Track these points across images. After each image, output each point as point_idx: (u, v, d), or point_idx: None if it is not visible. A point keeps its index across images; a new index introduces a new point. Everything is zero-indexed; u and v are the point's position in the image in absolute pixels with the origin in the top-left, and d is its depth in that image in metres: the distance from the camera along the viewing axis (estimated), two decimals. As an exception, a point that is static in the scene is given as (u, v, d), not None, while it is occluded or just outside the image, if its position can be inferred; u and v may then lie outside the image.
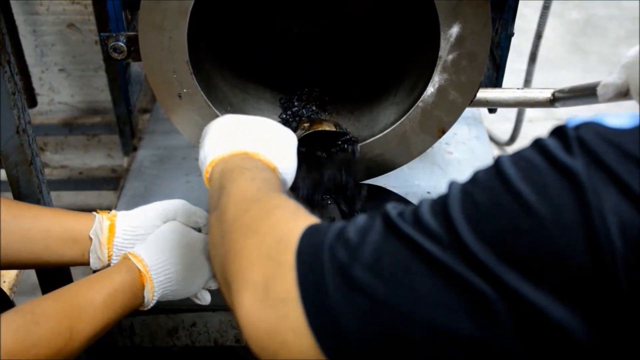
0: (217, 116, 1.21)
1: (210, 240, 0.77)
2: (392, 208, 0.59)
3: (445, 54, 1.13)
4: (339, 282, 0.56)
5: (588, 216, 0.50)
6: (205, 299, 1.12)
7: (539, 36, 2.26)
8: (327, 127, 1.26)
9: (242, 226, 0.69)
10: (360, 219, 0.61)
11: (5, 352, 0.77)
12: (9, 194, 1.35)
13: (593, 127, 0.53)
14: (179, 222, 1.10)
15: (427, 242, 0.54)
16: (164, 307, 1.45)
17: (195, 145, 1.25)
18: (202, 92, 1.18)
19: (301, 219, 0.66)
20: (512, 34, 1.34)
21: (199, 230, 1.12)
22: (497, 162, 0.56)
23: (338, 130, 1.26)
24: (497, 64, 1.40)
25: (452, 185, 0.58)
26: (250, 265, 0.63)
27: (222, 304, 1.45)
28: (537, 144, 0.55)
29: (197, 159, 0.95)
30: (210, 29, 1.34)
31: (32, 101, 2.13)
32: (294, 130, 1.26)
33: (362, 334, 0.56)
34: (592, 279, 0.50)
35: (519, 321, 0.52)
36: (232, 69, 1.41)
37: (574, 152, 0.51)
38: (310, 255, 0.59)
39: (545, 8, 2.17)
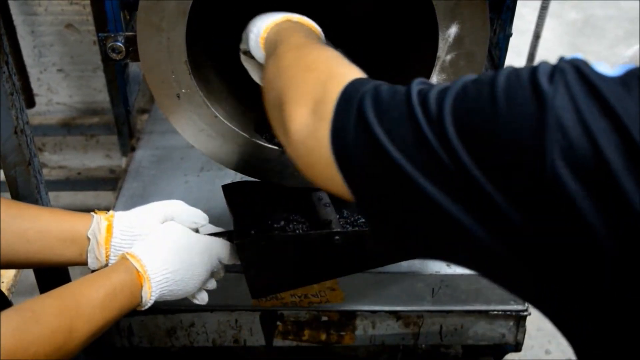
0: (215, 116, 1.21)
1: (266, 78, 0.93)
2: (416, 84, 0.69)
3: (444, 54, 1.14)
4: (358, 127, 0.69)
5: (541, 130, 0.56)
6: (203, 299, 1.12)
7: (537, 36, 2.26)
8: None
9: (302, 64, 0.85)
10: (398, 86, 0.72)
11: (5, 350, 0.77)
12: (8, 195, 1.34)
13: (581, 67, 0.59)
14: (177, 223, 1.10)
15: (422, 116, 0.65)
16: (162, 308, 1.45)
17: (193, 146, 1.26)
18: (200, 93, 1.18)
19: (353, 70, 0.80)
20: (511, 34, 1.34)
21: (197, 230, 1.12)
22: (501, 69, 0.64)
23: None
24: (496, 64, 1.40)
25: (461, 77, 0.67)
26: (308, 91, 0.79)
27: (220, 304, 1.46)
28: (535, 68, 0.61)
29: (195, 160, 0.97)
30: (208, 29, 1.34)
31: (30, 101, 2.13)
32: None
33: (363, 169, 0.69)
34: (533, 182, 0.57)
35: (472, 205, 0.61)
36: (231, 68, 1.41)
37: (555, 80, 0.58)
38: (349, 97, 0.72)
39: (544, 8, 2.17)
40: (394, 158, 0.65)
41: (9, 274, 1.53)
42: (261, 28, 1.03)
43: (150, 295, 1.00)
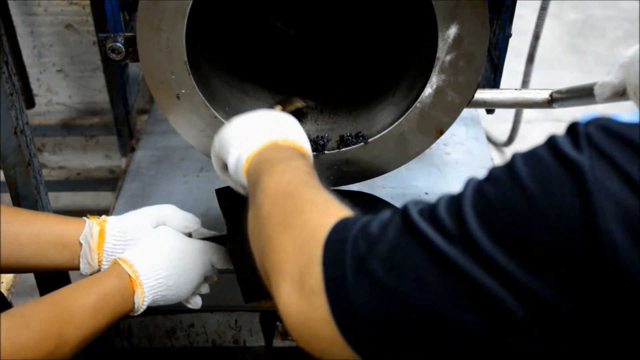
0: (214, 117, 1.21)
1: (249, 234, 0.83)
2: (413, 205, 0.62)
3: (443, 55, 1.14)
4: (357, 273, 0.60)
5: (589, 206, 0.51)
6: (197, 303, 1.11)
7: (536, 37, 2.27)
8: (299, 104, 1.38)
9: (277, 222, 0.74)
10: (385, 214, 0.65)
11: None
12: (7, 195, 1.34)
13: (602, 122, 0.54)
14: (170, 227, 1.09)
15: (439, 237, 0.56)
16: (162, 308, 1.45)
17: (193, 147, 1.26)
18: (200, 93, 1.18)
19: (330, 214, 0.70)
20: (510, 35, 1.34)
21: (190, 235, 1.12)
22: (511, 158, 0.58)
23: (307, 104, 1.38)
24: (495, 64, 1.40)
25: (469, 181, 0.60)
26: (286, 259, 0.69)
27: (219, 305, 1.46)
28: (549, 140, 0.56)
29: (195, 161, 0.96)
30: (207, 29, 1.34)
31: (30, 102, 2.13)
32: None
33: (378, 323, 0.59)
34: (592, 267, 0.51)
35: (527, 313, 0.53)
36: (230, 69, 1.41)
37: (582, 146, 0.53)
38: (335, 249, 0.64)
39: (543, 9, 2.17)
40: (424, 303, 0.56)
41: (8, 276, 1.53)
42: (241, 159, 0.91)
43: (142, 301, 1.00)
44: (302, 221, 0.71)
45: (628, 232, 0.50)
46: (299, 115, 1.37)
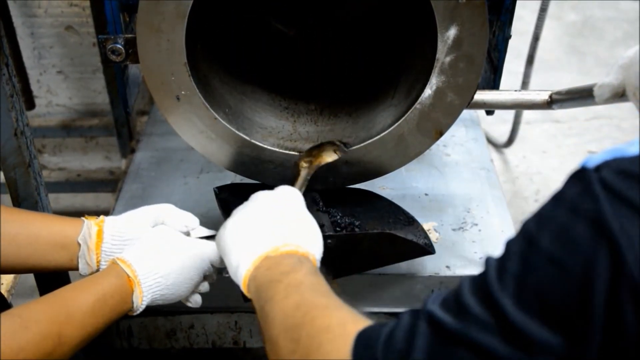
0: (214, 118, 1.21)
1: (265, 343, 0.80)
2: (432, 303, 0.59)
3: (443, 56, 1.14)
4: None
5: (619, 260, 0.49)
6: (197, 301, 1.11)
7: (536, 38, 2.27)
8: (328, 157, 1.25)
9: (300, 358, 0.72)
10: (405, 319, 0.62)
11: None
12: (7, 196, 1.35)
13: (614, 165, 0.52)
14: (168, 227, 1.09)
15: (476, 331, 0.54)
16: (162, 309, 1.45)
17: (192, 148, 1.26)
18: (199, 94, 1.18)
19: (348, 336, 0.67)
20: (510, 36, 1.34)
21: (188, 234, 1.12)
22: (524, 228, 0.56)
23: (339, 155, 1.25)
24: (495, 66, 1.40)
25: (488, 262, 0.58)
26: None
27: (219, 306, 1.46)
28: (559, 198, 0.54)
29: (194, 162, 0.95)
30: (207, 31, 1.34)
31: (30, 103, 2.13)
32: (295, 168, 1.25)
33: None
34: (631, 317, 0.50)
35: None
36: (230, 71, 1.41)
37: (598, 195, 0.51)
38: None
39: (543, 10, 2.17)
40: None
41: (8, 277, 1.53)
42: (240, 275, 0.89)
43: (141, 300, 1.00)
44: (324, 352, 0.69)
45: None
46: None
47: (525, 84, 2.39)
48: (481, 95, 1.32)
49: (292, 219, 0.92)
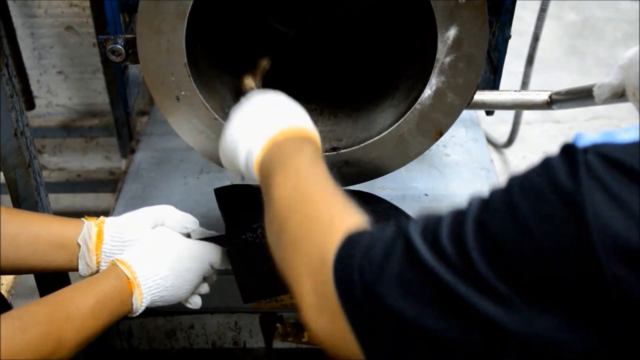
0: (214, 118, 1.21)
1: (269, 238, 0.86)
2: (414, 228, 0.63)
3: (443, 57, 1.14)
4: (368, 298, 0.63)
5: (589, 244, 0.51)
6: (196, 303, 1.11)
7: (536, 38, 2.27)
8: (265, 63, 1.37)
9: (288, 242, 0.77)
10: (388, 234, 0.66)
11: None
12: (7, 197, 1.35)
13: (602, 150, 0.53)
14: (168, 228, 1.09)
15: (442, 269, 0.58)
16: (162, 310, 1.45)
17: (192, 148, 1.26)
18: (200, 95, 1.18)
19: (336, 232, 0.72)
20: (509, 37, 1.34)
21: (188, 235, 1.12)
22: (509, 185, 0.58)
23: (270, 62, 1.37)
24: (495, 66, 1.40)
25: (470, 206, 0.61)
26: (301, 281, 0.73)
27: (220, 306, 1.46)
28: (546, 165, 0.56)
29: (194, 162, 0.95)
30: (207, 31, 1.34)
31: (30, 104, 2.13)
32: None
33: (393, 345, 0.63)
34: (599, 305, 0.51)
35: (523, 344, 0.55)
36: (230, 71, 1.41)
37: (581, 178, 0.52)
38: (344, 273, 0.67)
39: (543, 10, 2.17)
40: (430, 328, 0.59)
41: (8, 277, 1.53)
42: (251, 159, 0.92)
43: (140, 302, 1.00)
44: (310, 245, 0.74)
45: (631, 267, 0.50)
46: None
47: (525, 85, 2.39)
48: (481, 96, 1.32)
49: (288, 106, 0.97)
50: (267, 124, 0.92)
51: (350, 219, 0.74)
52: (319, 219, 0.76)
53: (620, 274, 0.50)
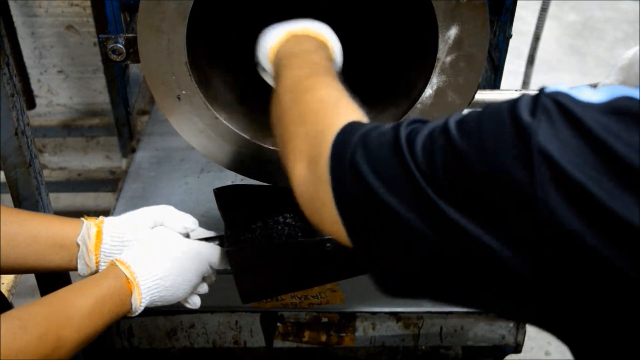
0: (215, 118, 1.21)
1: (272, 115, 0.96)
2: (405, 126, 0.70)
3: (443, 56, 1.14)
4: (352, 173, 0.71)
5: (529, 170, 0.57)
6: (195, 303, 1.11)
7: (536, 38, 2.27)
8: None
9: (293, 116, 0.87)
10: (386, 126, 0.73)
11: None
12: (8, 196, 1.35)
13: (560, 98, 0.59)
14: (167, 228, 1.09)
15: (412, 164, 0.66)
16: (162, 309, 1.45)
17: (193, 148, 1.26)
18: (200, 94, 1.18)
19: (339, 115, 0.81)
20: (510, 36, 1.34)
21: (187, 235, 1.12)
22: (483, 110, 0.64)
23: None
24: (495, 65, 1.40)
25: (447, 122, 0.66)
26: (301, 148, 0.82)
27: (221, 305, 1.46)
28: (516, 100, 0.61)
29: (195, 162, 0.98)
30: (208, 30, 1.34)
31: (30, 103, 2.14)
32: None
33: (362, 214, 0.71)
34: (533, 225, 0.57)
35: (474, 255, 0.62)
36: (230, 70, 1.41)
37: (537, 115, 0.58)
38: (340, 150, 0.74)
39: (543, 10, 2.17)
40: (397, 211, 0.66)
41: (9, 276, 1.53)
42: (267, 46, 1.06)
43: (140, 302, 1.00)
44: (315, 119, 0.83)
45: (563, 196, 0.55)
46: None
47: (525, 84, 2.39)
48: (482, 95, 1.32)
49: (311, 21, 1.11)
50: (284, 26, 1.07)
51: (355, 112, 0.83)
52: (327, 100, 0.86)
53: (552, 201, 0.56)
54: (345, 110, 0.83)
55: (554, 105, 0.58)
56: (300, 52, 1.01)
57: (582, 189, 0.55)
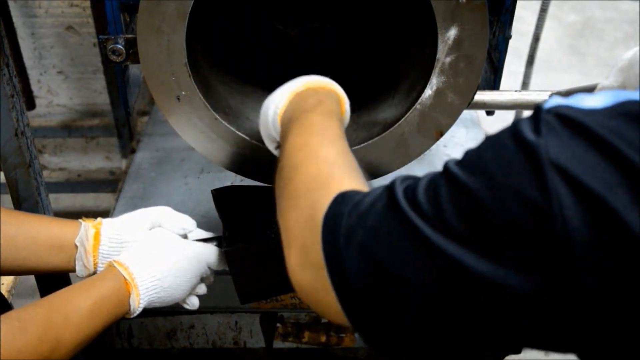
0: (215, 118, 1.21)
1: (275, 190, 0.90)
2: (399, 183, 0.67)
3: (443, 57, 1.14)
4: (348, 244, 0.66)
5: (544, 187, 0.54)
6: (194, 304, 1.11)
7: (536, 39, 2.27)
8: None
9: (287, 198, 0.82)
10: (378, 190, 0.70)
11: None
12: (8, 197, 1.35)
13: (561, 111, 0.57)
14: (165, 229, 1.09)
15: (417, 218, 0.62)
16: (162, 310, 1.45)
17: (193, 148, 1.26)
18: (200, 95, 1.18)
19: (332, 191, 0.75)
20: (510, 37, 1.34)
21: (185, 236, 1.12)
22: (481, 143, 0.63)
23: None
24: (495, 66, 1.40)
25: (446, 165, 0.64)
26: (294, 236, 0.77)
27: (220, 306, 1.46)
28: (514, 124, 0.60)
29: (195, 162, 0.97)
30: (208, 31, 1.34)
31: (30, 104, 2.14)
32: None
33: (366, 291, 0.65)
34: (549, 248, 0.55)
35: (495, 296, 0.58)
36: (230, 71, 1.41)
37: (541, 131, 0.57)
38: (332, 224, 0.70)
39: (543, 11, 2.17)
40: (406, 276, 0.62)
41: (9, 277, 1.53)
42: (274, 114, 1.00)
43: (138, 303, 1.00)
44: (305, 203, 0.77)
45: (581, 211, 0.53)
46: None
47: (525, 85, 2.39)
48: (481, 96, 1.32)
49: (316, 76, 1.05)
50: (294, 82, 1.02)
51: (349, 180, 0.77)
52: (318, 178, 0.79)
53: (569, 214, 0.53)
54: (337, 183, 0.77)
55: (556, 119, 0.57)
56: (300, 113, 0.94)
57: (598, 197, 0.53)
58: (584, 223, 0.53)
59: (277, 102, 1.00)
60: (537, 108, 0.60)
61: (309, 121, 0.91)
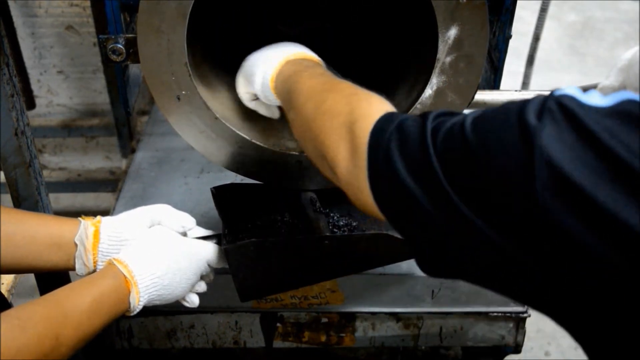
0: (215, 118, 1.21)
1: (295, 132, 1.00)
2: (432, 118, 0.73)
3: (443, 56, 1.14)
4: (385, 162, 0.75)
5: (530, 171, 0.58)
6: (194, 302, 1.11)
7: (536, 38, 2.27)
8: None
9: (325, 112, 0.89)
10: (416, 118, 0.76)
11: None
12: (8, 196, 1.35)
13: (565, 101, 0.60)
14: (164, 227, 1.09)
15: (434, 155, 0.69)
16: (162, 309, 1.45)
17: (193, 148, 1.26)
18: (200, 94, 1.19)
19: (373, 104, 0.85)
20: (510, 37, 1.34)
21: (185, 234, 1.12)
22: (499, 109, 0.66)
23: None
24: (495, 66, 1.40)
25: (465, 119, 0.68)
26: (339, 141, 0.84)
27: (220, 306, 1.46)
28: (525, 101, 0.63)
29: (195, 162, 0.98)
30: (208, 31, 1.34)
31: (30, 103, 2.13)
32: None
33: (391, 198, 0.76)
34: (529, 221, 0.59)
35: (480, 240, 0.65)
36: (231, 70, 1.41)
37: (544, 118, 0.59)
38: (378, 139, 0.78)
39: (543, 10, 2.18)
40: (417, 197, 0.70)
41: (9, 276, 1.53)
42: (266, 80, 1.10)
43: (138, 301, 1.00)
44: (349, 109, 0.85)
45: (560, 197, 0.57)
46: None
47: (525, 85, 2.39)
48: (482, 95, 1.32)
49: (295, 44, 1.15)
50: (277, 54, 1.10)
51: (386, 102, 0.86)
52: (357, 93, 0.89)
53: (553, 207, 0.57)
54: (377, 100, 0.86)
55: (559, 108, 0.59)
56: (305, 68, 1.05)
57: (581, 191, 0.56)
58: (566, 213, 0.57)
59: (267, 66, 1.09)
60: (551, 92, 0.62)
61: (318, 72, 1.02)
